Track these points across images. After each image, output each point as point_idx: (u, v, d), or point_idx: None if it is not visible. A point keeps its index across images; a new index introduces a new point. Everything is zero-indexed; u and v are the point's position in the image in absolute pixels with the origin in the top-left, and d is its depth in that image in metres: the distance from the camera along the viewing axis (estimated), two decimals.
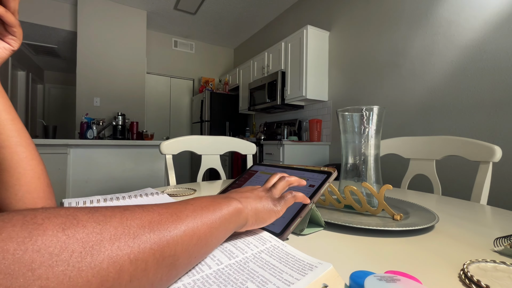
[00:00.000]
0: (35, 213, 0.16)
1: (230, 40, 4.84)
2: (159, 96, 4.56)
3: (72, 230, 0.17)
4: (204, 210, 0.26)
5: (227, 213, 0.28)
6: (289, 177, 0.41)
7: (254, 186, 0.41)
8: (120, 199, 0.55)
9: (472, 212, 0.58)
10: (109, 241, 0.18)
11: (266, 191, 0.38)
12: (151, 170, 2.28)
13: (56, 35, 3.92)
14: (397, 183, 1.52)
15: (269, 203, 0.35)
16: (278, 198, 0.37)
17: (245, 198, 0.33)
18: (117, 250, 0.18)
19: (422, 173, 0.97)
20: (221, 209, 0.28)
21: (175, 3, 3.59)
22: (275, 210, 0.35)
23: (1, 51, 0.34)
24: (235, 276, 0.24)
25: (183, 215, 0.24)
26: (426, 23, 1.97)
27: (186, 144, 1.13)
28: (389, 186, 0.47)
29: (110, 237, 0.18)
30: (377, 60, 2.35)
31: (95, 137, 2.81)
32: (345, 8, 2.70)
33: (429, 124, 1.95)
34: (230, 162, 3.57)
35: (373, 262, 0.32)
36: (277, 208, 0.36)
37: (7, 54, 0.35)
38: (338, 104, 2.78)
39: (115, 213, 0.20)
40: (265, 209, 0.34)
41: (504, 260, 0.33)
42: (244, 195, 0.34)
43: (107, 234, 0.18)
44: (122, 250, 0.18)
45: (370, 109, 0.54)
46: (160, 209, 0.23)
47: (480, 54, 1.67)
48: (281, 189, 0.39)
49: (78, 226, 0.17)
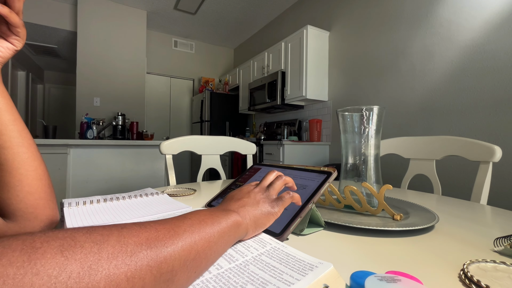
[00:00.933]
0: (33, 238, 0.17)
1: (230, 40, 4.84)
2: (159, 96, 4.56)
3: (71, 251, 0.17)
4: (202, 224, 0.26)
5: (226, 227, 0.28)
6: (285, 176, 0.41)
7: (252, 183, 0.41)
8: (120, 199, 0.55)
9: (472, 212, 0.58)
10: (106, 260, 0.18)
11: (263, 191, 0.38)
12: (151, 170, 2.28)
13: (56, 35, 3.92)
14: (397, 183, 1.52)
15: (266, 206, 0.35)
16: (275, 199, 0.37)
17: (243, 207, 0.33)
18: (114, 269, 0.18)
19: (422, 173, 0.97)
20: (219, 222, 0.28)
21: (175, 3, 3.59)
22: (273, 212, 0.35)
23: (4, 51, 0.34)
24: (235, 279, 0.24)
25: (181, 230, 0.24)
26: (426, 23, 1.97)
27: (186, 144, 1.13)
28: (389, 186, 0.47)
29: (107, 256, 0.18)
30: (377, 60, 2.35)
31: (95, 137, 2.81)
32: (345, 8, 2.70)
33: (429, 124, 1.95)
34: (230, 162, 3.57)
35: (373, 262, 0.32)
36: (275, 210, 0.36)
37: (10, 54, 0.35)
38: (338, 104, 2.78)
39: (113, 231, 0.20)
40: (264, 213, 0.34)
41: (504, 260, 0.33)
42: (242, 202, 0.34)
43: (105, 253, 0.18)
44: (119, 268, 0.18)
45: (370, 109, 0.54)
46: (157, 225, 0.23)
47: (480, 54, 1.67)
48: (278, 189, 0.39)
49: (76, 247, 0.17)
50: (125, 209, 0.48)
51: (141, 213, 0.46)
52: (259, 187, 0.39)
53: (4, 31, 0.34)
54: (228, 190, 0.58)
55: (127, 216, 0.44)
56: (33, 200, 0.36)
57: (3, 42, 0.34)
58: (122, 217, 0.43)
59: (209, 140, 1.21)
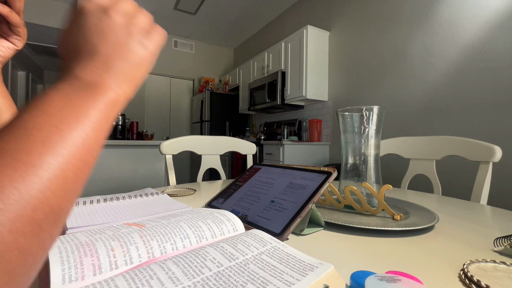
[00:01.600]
0: None
1: (230, 40, 4.84)
2: (159, 96, 4.56)
3: None
4: (61, 132, 0.16)
5: (100, 119, 0.19)
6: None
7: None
8: (120, 199, 0.55)
9: (472, 212, 0.58)
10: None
11: (125, 15, 0.22)
12: (151, 170, 2.28)
13: (56, 35, 3.92)
14: (397, 183, 1.52)
15: (139, 48, 0.23)
16: (143, 28, 0.23)
17: (108, 63, 0.20)
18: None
19: (422, 173, 0.97)
20: (88, 116, 0.18)
21: (175, 3, 3.59)
22: (147, 56, 0.23)
23: (5, 51, 0.34)
24: (235, 278, 0.24)
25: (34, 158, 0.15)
26: (426, 23, 1.97)
27: (186, 144, 1.13)
28: (389, 186, 0.47)
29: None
30: (377, 60, 2.35)
31: None
32: (345, 8, 2.70)
33: (429, 124, 1.95)
34: (230, 162, 3.57)
35: (373, 262, 0.32)
36: (149, 49, 0.23)
37: (10, 53, 0.35)
38: (338, 104, 2.78)
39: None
40: (137, 64, 0.22)
41: (504, 260, 0.33)
42: (105, 49, 0.21)
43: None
44: None
45: (370, 109, 0.54)
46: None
47: (480, 54, 1.67)
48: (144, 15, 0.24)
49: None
50: (125, 209, 0.48)
51: (141, 213, 0.46)
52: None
53: (5, 31, 0.34)
54: (228, 190, 0.58)
55: (127, 216, 0.44)
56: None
57: (3, 42, 0.34)
58: (122, 217, 0.43)
59: (209, 140, 1.21)
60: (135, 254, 0.27)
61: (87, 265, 0.24)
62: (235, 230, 0.36)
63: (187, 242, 0.31)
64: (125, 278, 0.22)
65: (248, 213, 0.45)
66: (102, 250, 0.26)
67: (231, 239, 0.32)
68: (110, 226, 0.33)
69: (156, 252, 0.28)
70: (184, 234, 0.32)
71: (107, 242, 0.27)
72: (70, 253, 0.24)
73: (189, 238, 0.32)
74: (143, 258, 0.27)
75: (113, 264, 0.25)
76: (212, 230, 0.34)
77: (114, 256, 0.26)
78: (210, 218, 0.37)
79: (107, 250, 0.26)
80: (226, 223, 0.36)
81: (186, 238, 0.32)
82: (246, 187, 0.55)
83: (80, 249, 0.25)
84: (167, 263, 0.25)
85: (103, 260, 0.25)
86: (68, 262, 0.24)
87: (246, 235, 0.34)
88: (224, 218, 0.37)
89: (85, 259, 0.24)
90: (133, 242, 0.28)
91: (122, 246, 0.27)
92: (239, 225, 0.37)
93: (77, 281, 0.23)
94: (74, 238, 0.28)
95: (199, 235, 0.33)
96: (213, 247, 0.29)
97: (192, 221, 0.35)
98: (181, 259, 0.26)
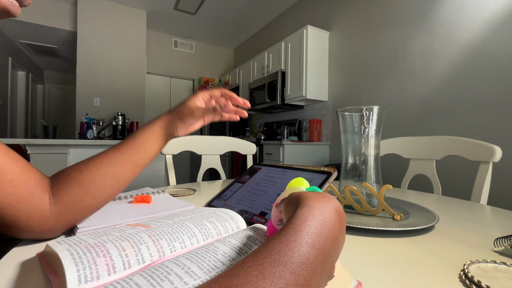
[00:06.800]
0: None
1: (230, 40, 4.84)
2: (159, 96, 4.56)
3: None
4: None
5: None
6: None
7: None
8: (122, 198, 0.55)
9: (472, 212, 0.58)
10: None
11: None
12: (151, 170, 2.28)
13: (56, 35, 3.92)
14: (397, 183, 1.52)
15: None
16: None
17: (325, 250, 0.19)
18: None
19: (422, 173, 0.96)
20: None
21: (175, 3, 3.59)
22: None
23: (15, 9, 0.33)
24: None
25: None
26: (426, 23, 1.97)
27: (186, 144, 1.13)
28: (389, 186, 0.47)
29: None
30: (377, 60, 2.35)
31: (95, 137, 2.81)
32: (345, 8, 2.70)
33: (429, 124, 1.95)
34: (230, 162, 3.57)
35: (373, 262, 0.32)
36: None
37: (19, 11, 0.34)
38: (338, 104, 2.77)
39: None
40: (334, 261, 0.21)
41: (504, 260, 0.33)
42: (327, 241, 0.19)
43: None
44: None
45: (370, 109, 0.54)
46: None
47: (480, 54, 1.67)
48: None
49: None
50: (132, 208, 0.48)
51: (141, 212, 0.46)
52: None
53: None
54: (228, 190, 0.58)
55: (127, 216, 0.44)
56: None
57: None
58: (130, 215, 0.43)
59: (209, 140, 1.21)
60: (146, 253, 0.27)
61: (101, 265, 0.24)
62: (238, 228, 0.36)
63: (194, 240, 0.31)
64: (143, 276, 0.22)
65: (252, 209, 0.46)
66: (113, 251, 0.26)
67: (237, 234, 0.32)
68: (114, 228, 0.33)
69: (166, 251, 0.28)
70: (191, 233, 0.32)
71: (116, 243, 0.27)
72: (82, 254, 0.24)
73: (196, 237, 0.32)
74: (154, 257, 0.27)
75: (126, 264, 0.25)
76: (217, 228, 0.34)
77: (126, 256, 0.26)
78: (214, 216, 0.37)
79: (118, 250, 0.26)
80: (229, 221, 0.37)
81: (193, 237, 0.32)
82: (246, 187, 0.55)
83: (91, 250, 0.25)
84: (180, 259, 0.25)
85: (116, 260, 0.25)
86: (82, 263, 0.23)
87: (251, 230, 0.34)
88: (227, 216, 0.37)
89: (98, 260, 0.24)
90: (143, 242, 0.28)
91: (133, 246, 0.27)
92: (241, 223, 0.37)
93: (93, 281, 0.23)
94: (82, 241, 0.27)
95: (205, 233, 0.33)
96: (221, 243, 0.29)
97: (197, 220, 0.35)
98: (193, 255, 0.26)
